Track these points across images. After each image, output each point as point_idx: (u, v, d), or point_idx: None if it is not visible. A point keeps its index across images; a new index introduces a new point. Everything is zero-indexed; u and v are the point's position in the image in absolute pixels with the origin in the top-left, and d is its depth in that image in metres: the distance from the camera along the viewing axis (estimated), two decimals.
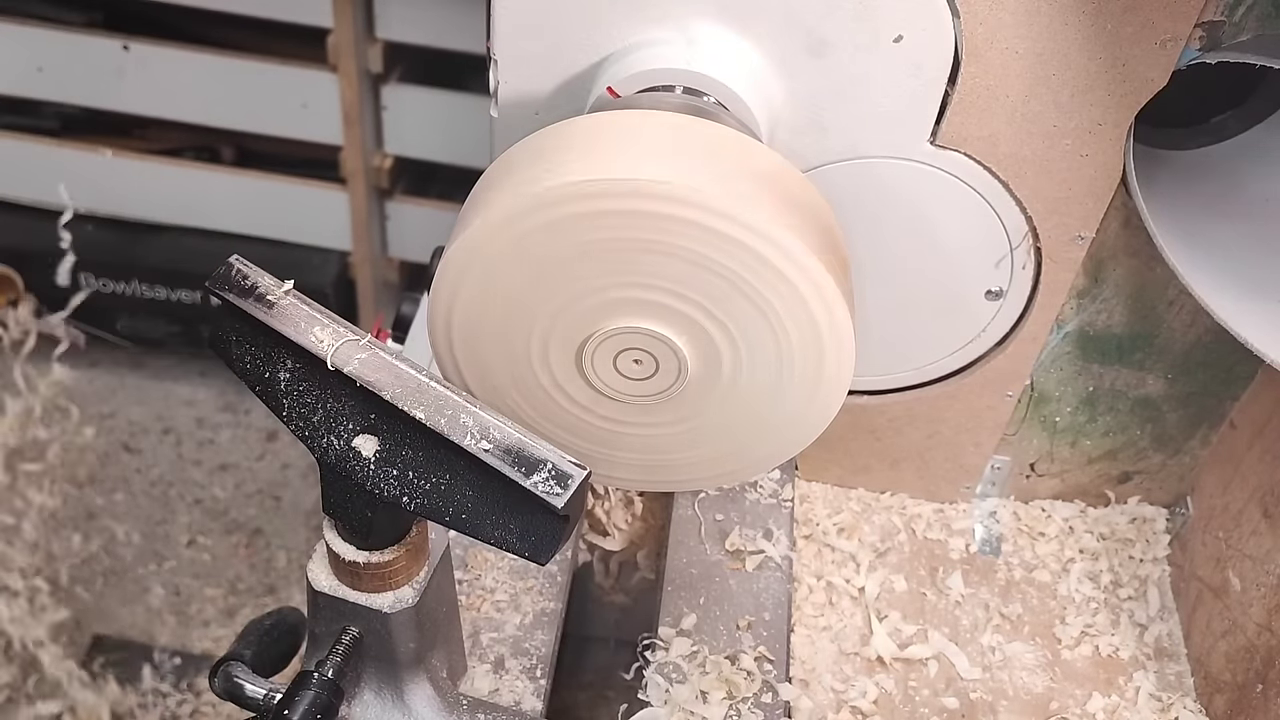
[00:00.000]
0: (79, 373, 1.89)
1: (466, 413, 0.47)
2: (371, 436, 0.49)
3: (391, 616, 0.53)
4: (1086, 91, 0.62)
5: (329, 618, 0.55)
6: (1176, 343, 0.78)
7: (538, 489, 0.46)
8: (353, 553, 0.52)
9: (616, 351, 0.55)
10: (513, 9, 0.62)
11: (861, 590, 0.82)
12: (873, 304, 0.73)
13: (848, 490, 0.88)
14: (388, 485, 0.49)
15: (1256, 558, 0.76)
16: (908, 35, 0.61)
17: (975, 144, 0.65)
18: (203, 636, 1.60)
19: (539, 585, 0.73)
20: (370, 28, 1.51)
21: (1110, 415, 0.83)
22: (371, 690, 0.56)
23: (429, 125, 1.59)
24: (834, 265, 0.53)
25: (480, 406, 0.48)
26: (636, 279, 0.53)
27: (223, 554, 1.70)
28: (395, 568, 0.53)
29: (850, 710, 0.75)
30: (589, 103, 0.64)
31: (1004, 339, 0.76)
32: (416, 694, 0.57)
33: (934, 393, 0.79)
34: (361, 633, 0.54)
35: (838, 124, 0.65)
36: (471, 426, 0.47)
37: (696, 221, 0.50)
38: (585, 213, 0.51)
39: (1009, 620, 0.82)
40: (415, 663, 0.56)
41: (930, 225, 0.69)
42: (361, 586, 0.53)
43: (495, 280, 0.53)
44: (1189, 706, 0.78)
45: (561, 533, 0.47)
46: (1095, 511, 0.89)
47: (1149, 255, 0.72)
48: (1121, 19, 0.59)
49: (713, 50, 0.62)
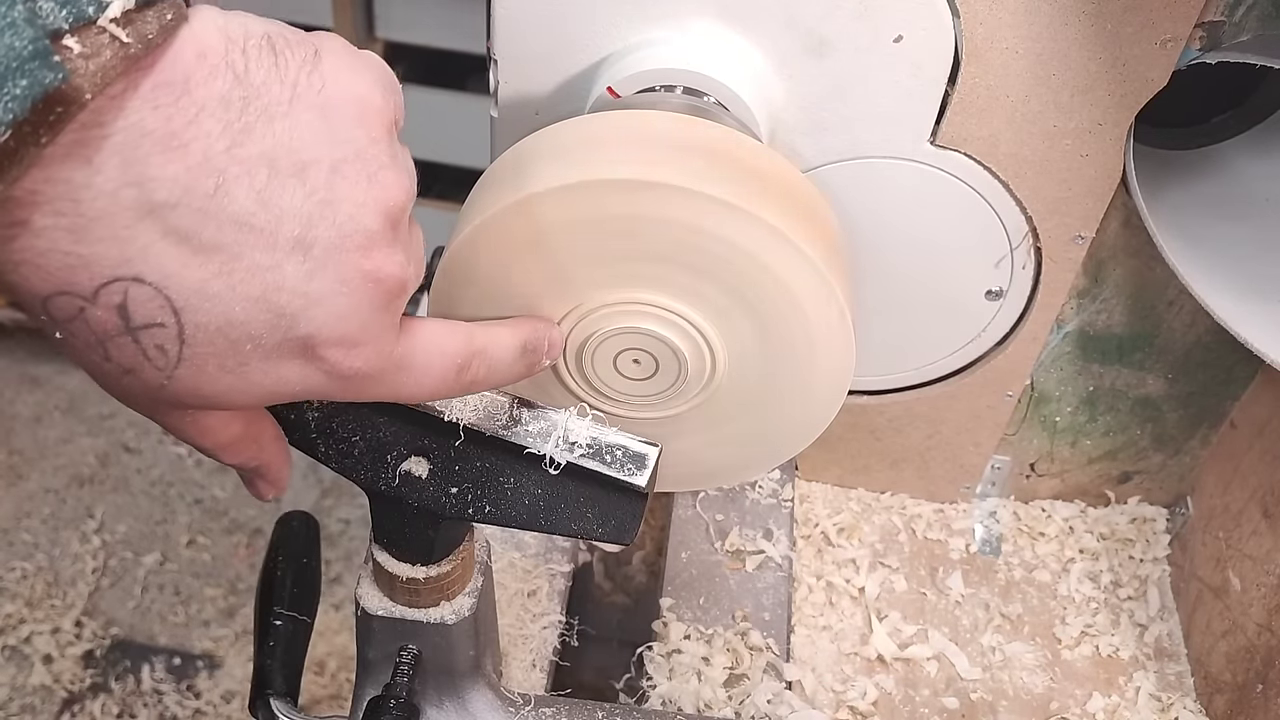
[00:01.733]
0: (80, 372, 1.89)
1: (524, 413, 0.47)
2: (421, 458, 0.47)
3: (453, 628, 0.52)
4: (1086, 91, 0.62)
5: (385, 640, 0.54)
6: (1176, 343, 0.78)
7: (619, 475, 0.46)
8: (411, 570, 0.51)
9: (616, 352, 0.55)
10: (513, 9, 0.62)
11: (861, 590, 0.82)
12: (873, 304, 0.73)
13: (848, 490, 0.89)
14: (449, 502, 0.47)
15: (1256, 558, 0.76)
16: (908, 35, 0.61)
17: (975, 144, 0.65)
18: (203, 636, 1.60)
19: (539, 585, 0.73)
20: (370, 28, 1.51)
21: (1110, 415, 0.83)
22: (433, 705, 0.56)
23: (429, 125, 1.59)
24: (834, 265, 0.53)
25: (533, 403, 0.47)
26: (637, 279, 0.53)
27: (223, 554, 1.70)
28: (453, 578, 0.52)
29: (850, 710, 0.75)
30: (589, 103, 0.64)
31: (1004, 339, 0.76)
32: (478, 700, 0.57)
33: (934, 393, 0.79)
34: (420, 649, 0.53)
35: (838, 124, 0.65)
36: (535, 427, 0.47)
37: (697, 222, 0.50)
38: (585, 213, 0.51)
39: (1009, 620, 0.82)
40: (474, 670, 0.56)
41: (930, 225, 0.69)
42: (421, 603, 0.52)
43: (495, 281, 0.53)
44: (1189, 706, 0.78)
45: (643, 510, 0.46)
46: (1095, 511, 0.89)
47: (1149, 255, 0.72)
48: (1121, 19, 0.59)
49: (713, 50, 0.62)
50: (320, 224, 0.35)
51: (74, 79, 0.29)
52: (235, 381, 0.37)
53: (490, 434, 0.47)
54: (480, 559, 0.55)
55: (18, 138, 0.29)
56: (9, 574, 1.63)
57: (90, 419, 1.86)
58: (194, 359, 0.35)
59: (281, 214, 0.34)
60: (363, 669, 0.56)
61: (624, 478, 0.46)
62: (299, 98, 0.34)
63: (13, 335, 1.91)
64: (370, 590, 0.53)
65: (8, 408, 1.86)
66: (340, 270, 0.36)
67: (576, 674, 0.74)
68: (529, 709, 0.59)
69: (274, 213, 0.34)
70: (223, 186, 0.33)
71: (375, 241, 0.37)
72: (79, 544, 1.68)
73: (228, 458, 0.43)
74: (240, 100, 0.33)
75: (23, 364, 1.91)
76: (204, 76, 0.32)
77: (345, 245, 0.36)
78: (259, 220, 0.34)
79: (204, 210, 0.33)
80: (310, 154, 0.35)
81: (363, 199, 0.36)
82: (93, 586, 1.64)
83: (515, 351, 0.47)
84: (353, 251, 0.36)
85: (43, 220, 0.31)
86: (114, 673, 1.56)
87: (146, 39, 0.30)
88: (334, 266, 0.36)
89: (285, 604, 0.60)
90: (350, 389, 0.39)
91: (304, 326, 0.36)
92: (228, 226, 0.33)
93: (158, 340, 0.34)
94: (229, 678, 1.57)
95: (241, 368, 0.36)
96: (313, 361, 0.37)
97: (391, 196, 0.37)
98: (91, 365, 0.36)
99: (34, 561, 1.65)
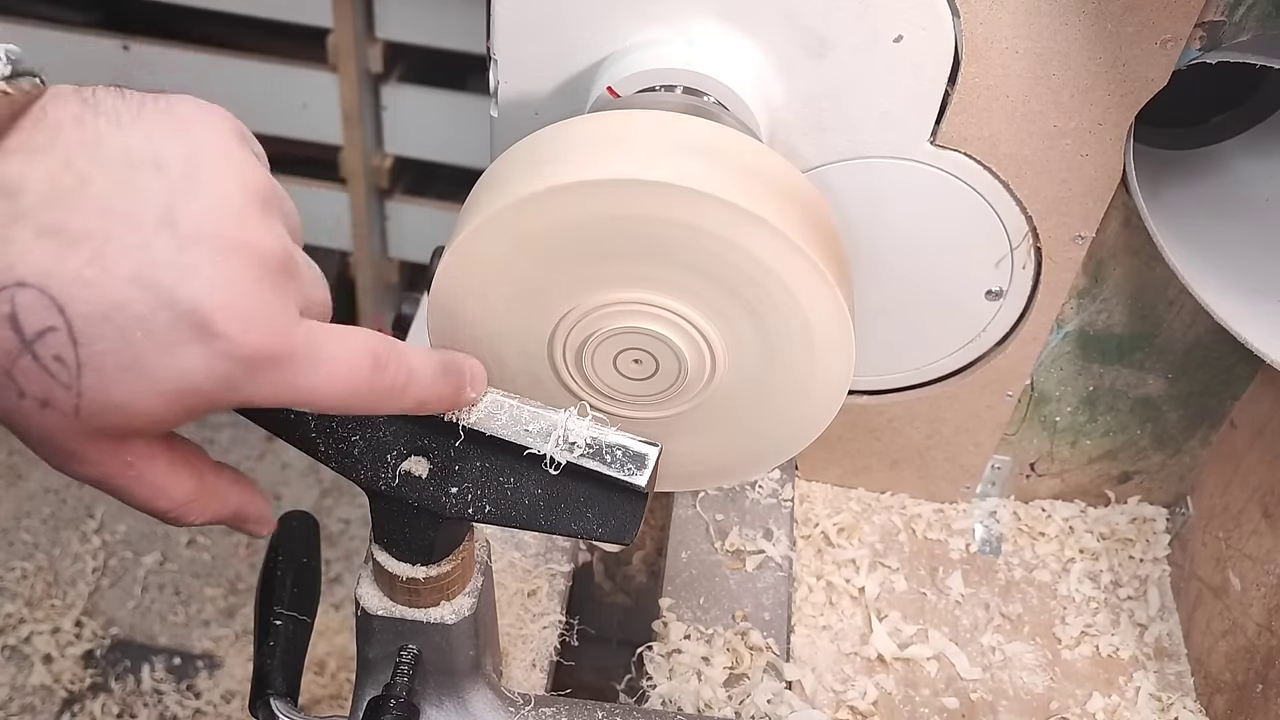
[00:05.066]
0: None
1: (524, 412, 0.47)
2: (421, 457, 0.48)
3: (453, 628, 0.52)
4: (1086, 91, 0.62)
5: (385, 640, 0.53)
6: (1176, 343, 0.78)
7: (619, 475, 0.46)
8: (411, 570, 0.51)
9: (616, 351, 0.55)
10: (513, 9, 0.62)
11: (861, 590, 0.82)
12: (873, 304, 0.73)
13: (848, 490, 0.89)
14: (449, 502, 0.47)
15: (1256, 558, 0.76)
16: (908, 35, 0.61)
17: (975, 144, 0.65)
18: (203, 636, 1.60)
19: (539, 585, 0.73)
20: (370, 28, 1.51)
21: (1110, 415, 0.83)
22: (433, 705, 0.56)
23: (429, 125, 1.59)
24: (834, 265, 0.53)
25: (533, 403, 0.47)
26: (637, 279, 0.53)
27: (223, 554, 1.70)
28: (453, 578, 0.52)
29: (850, 710, 0.75)
30: (589, 103, 0.64)
31: (1004, 339, 0.76)
32: (478, 700, 0.56)
33: (934, 393, 0.79)
34: (420, 649, 0.53)
35: (838, 124, 0.65)
36: (534, 427, 0.47)
37: (697, 222, 0.50)
38: (585, 213, 0.51)
39: (1009, 620, 0.82)
40: (474, 669, 0.56)
41: (930, 225, 0.69)
42: (421, 603, 0.52)
43: (496, 281, 0.53)
44: (1189, 706, 0.78)
45: (643, 510, 0.47)
46: (1095, 511, 0.89)
47: (1149, 255, 0.72)
48: (1121, 19, 0.59)
49: (713, 50, 0.62)
50: (184, 201, 0.37)
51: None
52: (139, 381, 0.37)
53: (490, 434, 0.47)
54: (480, 559, 0.55)
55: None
56: (9, 574, 1.63)
57: None
58: (92, 360, 0.36)
59: (142, 197, 0.36)
60: (363, 669, 0.56)
61: (624, 478, 0.46)
62: (145, 110, 0.38)
63: None
64: (370, 590, 0.53)
65: None
66: (211, 240, 0.37)
67: (576, 674, 0.74)
68: (529, 709, 0.59)
69: (134, 197, 0.36)
70: (84, 181, 0.35)
71: (243, 214, 0.38)
72: (79, 544, 1.68)
73: (193, 517, 0.43)
74: (92, 116, 0.36)
75: None
76: (59, 105, 0.36)
77: (212, 217, 0.37)
78: (120, 205, 0.36)
79: (68, 205, 0.35)
80: (164, 151, 0.37)
81: (223, 176, 0.38)
82: (93, 586, 1.64)
83: (435, 367, 0.46)
84: (221, 221, 0.37)
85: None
86: (114, 673, 1.56)
87: (24, 90, 0.35)
88: (204, 237, 0.37)
89: (285, 604, 0.60)
90: (258, 375, 0.38)
91: (185, 298, 0.36)
92: (92, 215, 0.35)
93: (54, 349, 0.35)
94: (229, 678, 1.56)
95: (139, 362, 0.36)
96: (209, 341, 0.37)
97: (254, 177, 0.39)
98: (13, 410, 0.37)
99: (34, 561, 1.65)
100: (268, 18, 1.50)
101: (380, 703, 0.51)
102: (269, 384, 0.39)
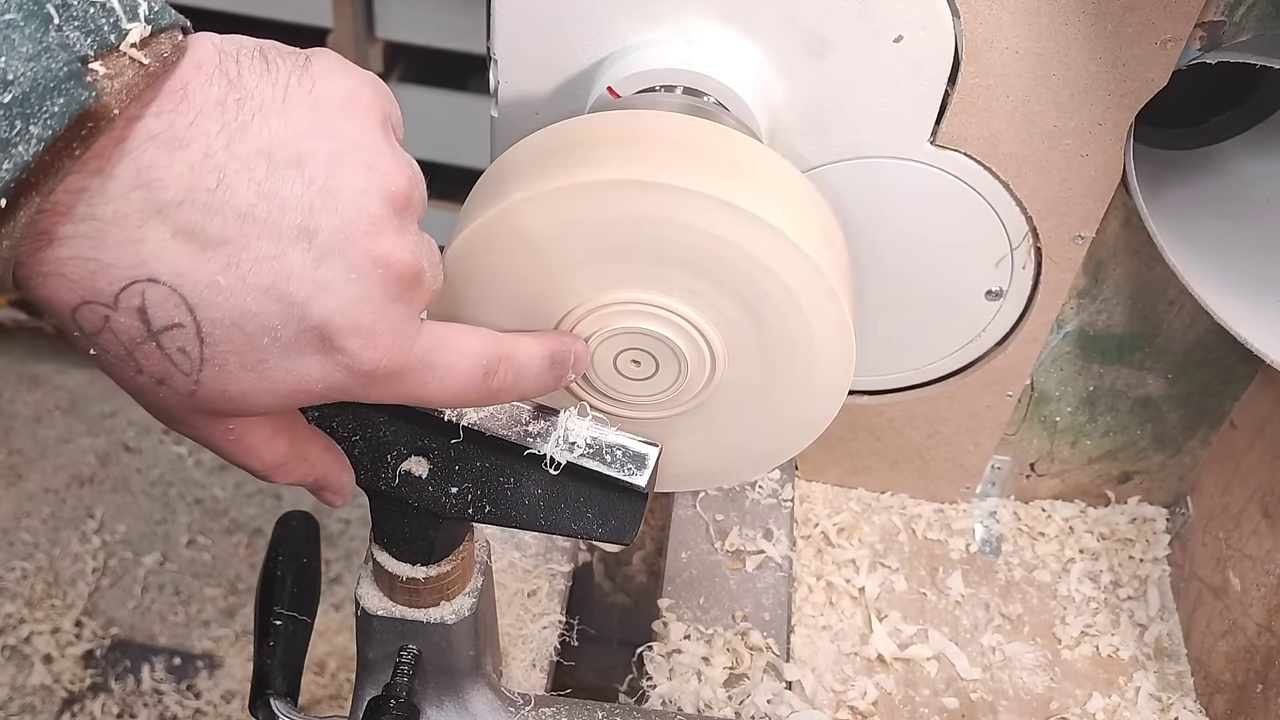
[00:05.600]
0: (80, 372, 1.89)
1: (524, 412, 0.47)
2: (421, 457, 0.48)
3: (454, 627, 0.52)
4: (1086, 91, 0.62)
5: (385, 640, 0.54)
6: (1176, 343, 0.78)
7: (619, 475, 0.46)
8: (411, 570, 0.51)
9: (617, 352, 0.55)
10: (513, 9, 0.62)
11: (861, 590, 0.82)
12: (873, 304, 0.73)
13: (848, 490, 0.89)
14: (449, 502, 0.48)
15: (1256, 558, 0.76)
16: (908, 35, 0.61)
17: (975, 144, 0.65)
18: (203, 636, 1.60)
19: (539, 585, 0.73)
20: (370, 28, 1.51)
21: (1110, 415, 0.83)
22: (433, 705, 0.56)
23: (429, 125, 1.59)
24: (834, 265, 0.53)
25: (533, 403, 0.47)
26: (637, 279, 0.53)
27: (223, 554, 1.70)
28: (453, 578, 0.52)
29: (850, 710, 0.75)
30: (589, 103, 0.64)
31: (1004, 339, 0.76)
32: (478, 700, 0.57)
33: (934, 393, 0.79)
34: (420, 649, 0.53)
35: (838, 124, 0.65)
36: (534, 427, 0.47)
37: (697, 223, 0.50)
38: (585, 214, 0.51)
39: (1009, 620, 0.82)
40: (474, 670, 0.56)
41: (930, 225, 0.69)
42: (421, 603, 0.52)
43: (495, 281, 0.53)
44: (1189, 706, 0.78)
45: (643, 510, 0.47)
46: (1095, 511, 0.89)
47: (1149, 255, 0.72)
48: (1121, 19, 0.59)
49: (713, 50, 0.62)
50: (322, 211, 0.36)
51: (103, 98, 0.31)
52: (258, 380, 0.37)
53: (490, 434, 0.47)
54: (480, 559, 0.55)
55: (53, 152, 0.31)
56: (9, 574, 1.63)
57: (90, 418, 1.85)
58: (215, 358, 0.36)
59: (282, 204, 0.35)
60: (363, 669, 0.56)
61: (624, 478, 0.46)
62: (290, 96, 0.36)
63: (13, 335, 1.91)
64: (370, 590, 0.53)
65: (8, 407, 1.86)
66: (347, 256, 0.36)
67: (576, 674, 0.74)
68: (529, 709, 0.59)
69: (275, 203, 0.35)
70: (224, 181, 0.34)
71: (380, 227, 0.37)
72: (79, 544, 1.68)
73: (281, 477, 0.44)
74: (235, 102, 0.35)
75: (23, 364, 1.91)
76: (201, 84, 0.34)
77: (349, 231, 0.36)
78: (261, 211, 0.35)
79: (208, 205, 0.34)
80: (306, 146, 0.36)
81: (363, 185, 0.37)
82: (93, 586, 1.64)
83: (542, 361, 0.47)
84: (358, 237, 0.36)
85: (66, 229, 0.33)
86: (114, 673, 1.56)
87: (162, 58, 0.33)
88: (340, 252, 0.36)
89: (285, 604, 0.60)
90: (374, 387, 0.39)
91: (316, 314, 0.36)
92: (231, 220, 0.34)
93: (179, 342, 0.35)
94: (229, 678, 1.57)
95: (262, 364, 0.37)
96: (332, 355, 0.37)
97: (393, 182, 0.38)
98: (129, 381, 0.37)
99: (34, 561, 1.65)
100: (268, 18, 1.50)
101: (380, 703, 0.52)
102: (382, 392, 0.40)
